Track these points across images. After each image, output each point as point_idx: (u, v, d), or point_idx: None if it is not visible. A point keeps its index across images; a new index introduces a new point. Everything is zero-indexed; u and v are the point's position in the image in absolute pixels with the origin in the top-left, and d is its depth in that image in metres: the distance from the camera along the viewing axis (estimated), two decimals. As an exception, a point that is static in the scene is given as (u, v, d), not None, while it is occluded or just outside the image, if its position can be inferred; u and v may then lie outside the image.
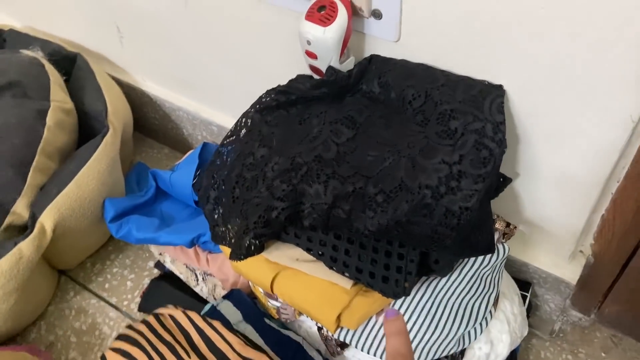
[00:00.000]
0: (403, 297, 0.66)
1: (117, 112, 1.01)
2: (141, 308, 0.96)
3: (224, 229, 0.69)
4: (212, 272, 0.87)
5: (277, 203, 0.59)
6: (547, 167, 0.65)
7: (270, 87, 0.69)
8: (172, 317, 0.72)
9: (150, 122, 1.21)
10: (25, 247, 0.80)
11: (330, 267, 0.62)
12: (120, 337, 0.69)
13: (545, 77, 0.57)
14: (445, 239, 0.56)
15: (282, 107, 0.67)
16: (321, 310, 0.65)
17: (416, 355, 0.64)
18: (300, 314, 0.75)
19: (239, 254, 0.64)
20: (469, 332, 0.66)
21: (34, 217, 0.83)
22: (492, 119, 0.58)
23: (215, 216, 0.70)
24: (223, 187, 0.67)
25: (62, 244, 0.89)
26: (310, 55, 0.65)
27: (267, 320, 0.76)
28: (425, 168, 0.56)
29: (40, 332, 0.96)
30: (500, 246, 0.70)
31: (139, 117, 1.19)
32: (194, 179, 0.95)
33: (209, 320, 0.70)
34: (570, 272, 0.76)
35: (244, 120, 0.69)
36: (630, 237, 0.73)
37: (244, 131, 0.68)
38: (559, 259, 0.77)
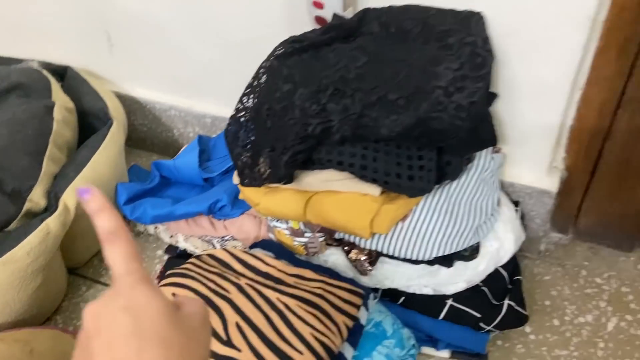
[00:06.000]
0: (424, 201, 0.75)
1: (117, 108, 1.06)
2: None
3: (253, 168, 0.76)
4: (232, 234, 0.92)
5: (311, 120, 0.68)
6: (524, 81, 0.78)
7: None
8: (211, 255, 0.77)
9: (138, 131, 1.26)
10: (52, 222, 0.83)
11: (361, 176, 0.70)
12: (169, 275, 0.73)
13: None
14: (459, 129, 0.67)
15: (296, 53, 0.77)
16: (355, 220, 0.72)
17: (442, 249, 0.73)
18: (327, 245, 0.82)
19: (279, 176, 0.71)
20: (481, 226, 0.76)
21: (56, 197, 0.86)
22: (480, 34, 0.71)
23: (244, 159, 0.77)
24: (252, 125, 0.75)
25: (80, 227, 0.91)
26: (317, 5, 0.76)
27: (297, 256, 0.82)
28: (434, 73, 0.68)
29: (57, 325, 0.95)
30: (494, 156, 0.81)
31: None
32: (199, 160, 1.02)
33: (248, 251, 0.76)
34: (550, 183, 0.89)
35: (262, 69, 0.78)
36: (595, 143, 0.87)
37: (264, 77, 0.77)
38: (539, 174, 0.89)
